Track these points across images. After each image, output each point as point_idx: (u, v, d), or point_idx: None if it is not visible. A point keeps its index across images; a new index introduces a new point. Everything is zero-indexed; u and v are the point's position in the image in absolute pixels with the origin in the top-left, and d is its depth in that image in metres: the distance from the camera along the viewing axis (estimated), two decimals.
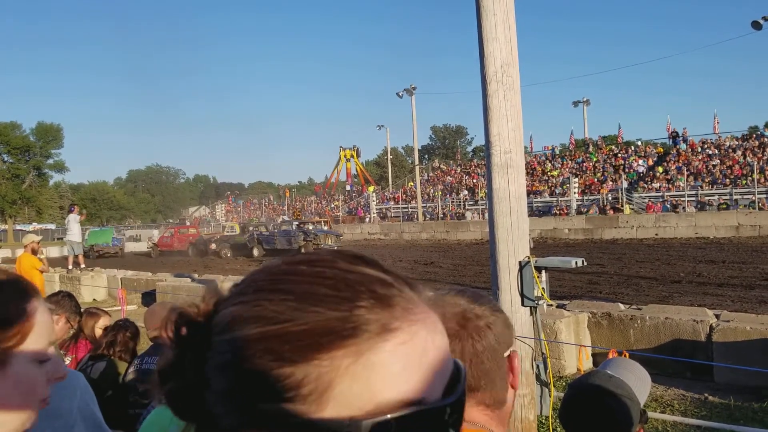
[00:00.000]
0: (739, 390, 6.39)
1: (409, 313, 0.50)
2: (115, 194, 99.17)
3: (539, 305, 4.73)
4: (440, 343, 0.52)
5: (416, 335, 0.49)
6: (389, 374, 0.47)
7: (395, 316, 0.49)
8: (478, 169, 52.37)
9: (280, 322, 0.47)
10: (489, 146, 4.65)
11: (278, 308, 0.48)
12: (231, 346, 0.49)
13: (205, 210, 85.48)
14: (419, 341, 0.49)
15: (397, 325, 0.48)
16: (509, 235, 4.65)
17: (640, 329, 7.51)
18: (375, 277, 0.51)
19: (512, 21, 4.62)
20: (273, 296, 0.49)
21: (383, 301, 0.49)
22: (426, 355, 0.49)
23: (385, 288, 0.51)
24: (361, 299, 0.49)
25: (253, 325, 0.48)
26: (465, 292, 1.16)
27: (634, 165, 42.32)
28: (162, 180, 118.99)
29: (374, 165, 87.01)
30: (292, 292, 0.49)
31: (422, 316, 0.51)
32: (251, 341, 0.47)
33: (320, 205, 64.15)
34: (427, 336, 0.50)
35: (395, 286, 0.51)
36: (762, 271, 15.30)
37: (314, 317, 0.47)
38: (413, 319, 0.50)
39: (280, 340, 0.47)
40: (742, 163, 36.79)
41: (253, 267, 12.74)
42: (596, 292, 13.33)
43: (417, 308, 0.51)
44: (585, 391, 1.62)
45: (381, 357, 0.47)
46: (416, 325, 0.50)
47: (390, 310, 0.49)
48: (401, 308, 0.50)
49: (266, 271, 0.54)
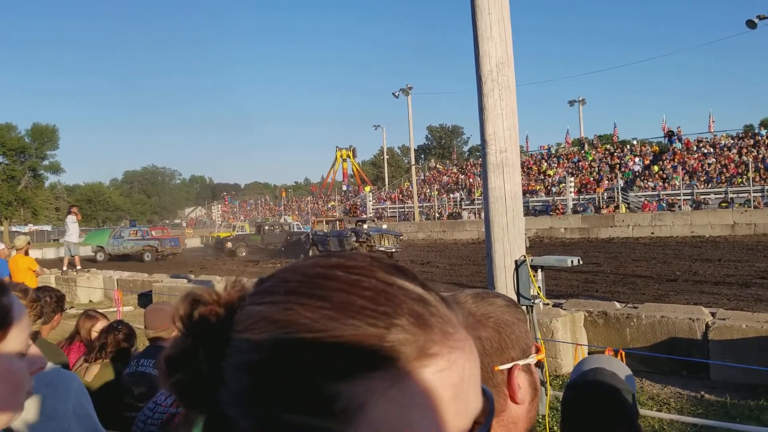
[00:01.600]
0: (735, 388, 6.41)
1: (448, 337, 0.47)
2: (110, 195, 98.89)
3: (535, 304, 4.74)
4: (476, 371, 0.49)
5: (455, 363, 0.46)
6: (426, 404, 0.44)
7: (433, 340, 0.46)
8: (474, 169, 52.40)
9: (314, 331, 0.44)
10: (485, 145, 4.65)
11: (313, 315, 0.45)
12: (256, 347, 0.45)
13: (201, 211, 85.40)
14: (457, 370, 0.46)
15: (437, 351, 0.46)
16: (505, 234, 4.66)
17: (636, 328, 7.52)
18: (414, 293, 0.48)
19: (507, 20, 4.62)
20: (307, 301, 0.46)
21: (422, 320, 0.46)
22: (462, 385, 0.47)
23: (423, 306, 0.47)
24: (400, 316, 0.46)
25: (284, 330, 0.45)
26: (478, 295, 1.11)
27: (630, 164, 42.40)
28: (158, 181, 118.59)
29: (370, 165, 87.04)
30: (329, 300, 0.46)
31: (461, 342, 0.48)
32: (281, 347, 0.44)
33: (317, 205, 64.13)
34: (465, 364, 0.47)
35: (433, 305, 0.48)
36: (758, 269, 15.34)
37: (351, 330, 0.44)
38: (453, 346, 0.47)
39: (313, 351, 0.44)
40: (737, 162, 36.89)
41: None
42: (592, 291, 13.36)
43: (456, 332, 0.48)
44: (586, 389, 1.61)
45: (420, 384, 0.44)
46: (455, 352, 0.47)
47: (429, 331, 0.46)
48: (440, 331, 0.47)
49: (299, 272, 0.50)
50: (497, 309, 1.09)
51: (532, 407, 1.08)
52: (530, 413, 1.08)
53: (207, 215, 78.37)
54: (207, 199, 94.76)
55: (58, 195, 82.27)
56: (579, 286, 14.22)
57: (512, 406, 1.05)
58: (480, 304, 1.08)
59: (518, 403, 1.05)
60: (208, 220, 73.78)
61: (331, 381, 0.43)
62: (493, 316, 1.07)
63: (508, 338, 1.06)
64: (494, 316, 1.07)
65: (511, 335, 1.07)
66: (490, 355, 1.04)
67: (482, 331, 1.05)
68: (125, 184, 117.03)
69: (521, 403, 1.06)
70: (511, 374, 1.04)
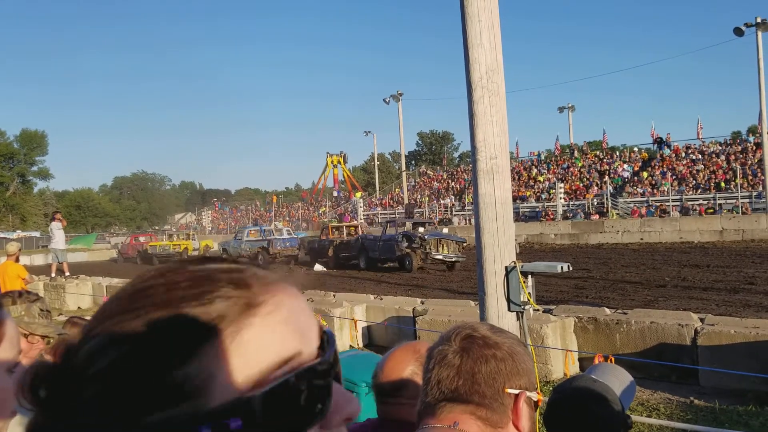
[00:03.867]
0: (723, 393, 6.44)
1: (269, 287, 0.53)
2: (100, 201, 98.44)
3: (525, 310, 4.74)
4: (305, 306, 0.56)
5: (281, 303, 0.52)
6: (264, 343, 0.49)
7: (256, 293, 0.52)
8: (464, 175, 52.53)
9: (145, 335, 0.48)
10: (475, 152, 4.66)
11: (138, 324, 0.48)
12: (100, 377, 0.47)
13: (191, 217, 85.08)
14: (285, 307, 0.53)
15: (261, 299, 0.51)
16: (495, 241, 4.66)
17: (626, 333, 7.55)
18: (227, 268, 0.54)
19: (497, 27, 4.64)
20: (131, 315, 0.49)
21: (240, 284, 0.52)
22: (294, 316, 0.53)
23: (240, 273, 0.53)
24: (220, 288, 0.51)
25: (117, 349, 0.48)
26: (494, 327, 1.24)
27: (619, 170, 42.63)
28: (148, 187, 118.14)
29: (361, 171, 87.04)
30: (151, 305, 0.50)
31: (282, 286, 0.54)
32: (121, 365, 0.47)
33: (307, 211, 64.03)
34: (291, 301, 0.54)
35: (249, 270, 0.54)
36: (746, 275, 15.43)
37: (178, 320, 0.48)
38: (274, 290, 0.53)
39: (151, 354, 0.47)
40: (725, 168, 37.16)
41: None
42: (582, 297, 13.40)
43: (276, 283, 0.54)
44: (568, 395, 1.63)
45: (252, 331, 0.49)
46: (278, 294, 0.53)
47: (249, 289, 0.52)
48: (260, 285, 0.53)
49: (117, 296, 0.53)
50: (511, 339, 1.21)
51: None
52: None
53: (197, 221, 78.06)
54: (197, 205, 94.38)
55: (46, 201, 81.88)
56: (569, 292, 14.26)
57: (512, 429, 1.14)
58: (495, 332, 1.22)
59: (519, 430, 1.14)
60: (198, 226, 73.50)
61: (176, 370, 0.46)
62: (507, 343, 1.19)
63: (520, 366, 1.17)
64: (508, 343, 1.19)
65: (522, 364, 1.18)
66: (503, 375, 1.14)
67: (498, 352, 1.16)
68: (115, 190, 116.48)
69: (521, 431, 1.14)
70: (518, 400, 1.14)
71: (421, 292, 15.36)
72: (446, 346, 1.18)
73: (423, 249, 22.19)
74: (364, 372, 4.18)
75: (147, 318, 0.49)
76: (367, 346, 9.75)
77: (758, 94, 29.93)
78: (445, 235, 23.69)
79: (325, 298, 11.54)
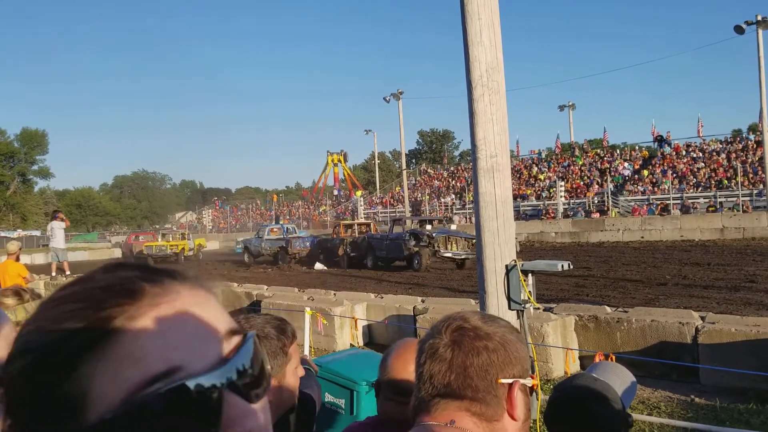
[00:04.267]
0: (724, 391, 6.44)
1: (158, 297, 0.52)
2: (100, 200, 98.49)
3: (526, 308, 4.74)
4: (204, 315, 0.54)
5: (164, 315, 0.52)
6: (138, 357, 0.49)
7: (140, 305, 0.51)
8: (465, 174, 52.52)
9: (30, 350, 0.49)
10: (475, 150, 4.66)
11: (30, 340, 0.50)
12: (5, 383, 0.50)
13: (191, 215, 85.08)
14: (168, 318, 0.52)
15: (143, 312, 0.51)
16: (496, 239, 4.66)
17: (626, 332, 7.54)
18: (127, 277, 0.54)
19: (497, 25, 4.64)
20: (33, 326, 0.51)
21: (130, 296, 0.52)
22: (180, 328, 0.52)
23: (132, 284, 0.53)
24: (106, 304, 0.51)
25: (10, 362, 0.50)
26: (485, 316, 1.21)
27: (620, 168, 42.62)
28: (148, 186, 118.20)
29: (362, 169, 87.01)
30: (45, 319, 0.51)
31: (173, 296, 0.53)
32: (10, 378, 0.49)
33: (308, 209, 64.04)
34: (176, 313, 0.52)
35: (147, 280, 0.54)
36: (746, 272, 15.42)
37: (60, 336, 0.49)
38: (160, 302, 0.52)
39: (32, 370, 0.48)
40: (726, 166, 37.15)
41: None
42: (583, 295, 13.38)
43: (169, 293, 0.54)
44: (569, 393, 1.63)
45: (128, 346, 0.49)
46: (162, 306, 0.52)
47: (136, 302, 0.51)
48: (151, 296, 0.52)
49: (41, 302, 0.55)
50: (502, 328, 1.18)
51: (524, 427, 1.15)
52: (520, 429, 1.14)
53: (198, 220, 78.07)
54: (198, 204, 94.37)
55: (47, 200, 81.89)
56: (569, 291, 14.25)
57: (507, 420, 1.12)
58: (486, 321, 1.19)
59: (515, 419, 1.12)
60: (198, 225, 73.48)
61: (56, 388, 0.47)
62: (499, 332, 1.16)
63: (512, 355, 1.15)
64: (500, 333, 1.16)
65: (515, 353, 1.15)
66: (495, 366, 1.12)
67: (489, 342, 1.14)
68: (115, 188, 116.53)
69: (517, 420, 1.13)
70: (511, 389, 1.12)
71: (422, 290, 15.36)
72: (437, 339, 1.16)
73: (431, 247, 21.71)
74: (365, 370, 4.18)
75: (37, 332, 0.50)
76: (368, 345, 9.75)
77: (759, 91, 29.89)
78: (454, 232, 23.25)
79: (325, 296, 11.55)
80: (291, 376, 1.64)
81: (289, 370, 1.64)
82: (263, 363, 0.57)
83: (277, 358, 1.60)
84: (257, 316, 1.70)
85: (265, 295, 12.02)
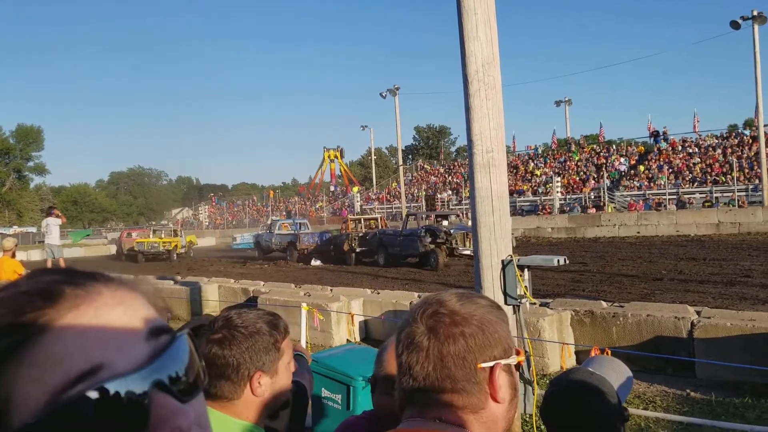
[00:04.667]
0: (720, 385, 6.46)
1: (78, 299, 0.53)
2: (96, 196, 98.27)
3: (522, 303, 4.75)
4: (124, 314, 0.54)
5: (84, 316, 0.52)
6: (59, 358, 0.49)
7: (60, 308, 0.51)
8: (461, 169, 52.54)
9: None
10: (471, 145, 4.66)
11: None
12: None
13: (188, 212, 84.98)
14: (88, 318, 0.52)
15: (63, 314, 0.51)
16: (492, 234, 4.67)
17: (622, 326, 7.56)
18: (48, 281, 0.54)
19: (493, 20, 4.63)
20: None
21: (50, 299, 0.52)
22: (101, 326, 0.52)
23: (53, 287, 0.53)
24: (26, 308, 0.51)
25: None
26: (463, 295, 1.14)
27: (616, 164, 42.68)
28: (144, 182, 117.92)
29: (358, 165, 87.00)
30: None
31: (94, 297, 0.54)
32: None
33: (304, 205, 64.02)
34: (97, 313, 0.53)
35: (68, 283, 0.54)
36: (742, 267, 15.47)
37: None
38: (80, 304, 0.52)
39: None
40: (722, 162, 37.23)
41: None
42: (579, 290, 13.40)
43: (90, 293, 0.54)
44: (565, 387, 1.63)
45: (49, 347, 0.49)
46: (83, 307, 0.52)
47: (56, 305, 0.52)
48: (71, 297, 0.52)
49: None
50: (481, 308, 1.10)
51: (511, 407, 1.09)
52: (509, 413, 1.09)
53: (194, 216, 78.00)
54: (194, 200, 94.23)
55: (43, 196, 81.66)
56: (565, 286, 14.26)
57: (492, 405, 1.06)
58: (465, 303, 1.10)
59: (499, 402, 1.06)
60: (195, 221, 73.40)
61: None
62: (477, 314, 1.09)
63: (491, 337, 1.07)
64: (478, 314, 1.09)
65: (494, 334, 1.08)
66: (473, 352, 1.05)
67: (466, 327, 1.06)
68: (111, 185, 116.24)
69: (502, 402, 1.07)
70: (493, 373, 1.06)
71: (419, 286, 15.37)
72: (413, 326, 1.10)
73: (448, 244, 20.43)
74: (361, 366, 4.19)
75: None
76: (365, 341, 9.76)
77: (754, 87, 29.98)
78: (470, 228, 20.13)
79: (322, 292, 11.55)
80: (284, 372, 1.64)
81: (282, 365, 1.63)
82: (196, 362, 0.57)
83: (270, 353, 1.60)
84: (249, 311, 1.70)
85: (262, 291, 12.02)
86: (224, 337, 1.56)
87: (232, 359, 1.54)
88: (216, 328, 1.58)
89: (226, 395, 1.54)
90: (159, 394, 0.52)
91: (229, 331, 1.57)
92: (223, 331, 1.57)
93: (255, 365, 1.56)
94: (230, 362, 1.54)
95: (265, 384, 1.57)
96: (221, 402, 1.54)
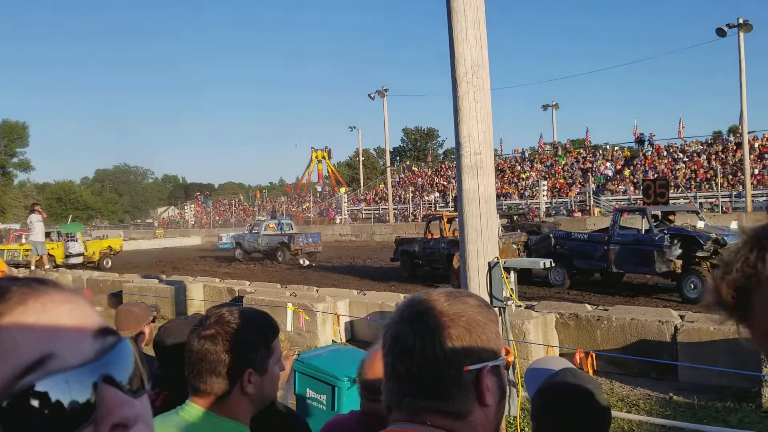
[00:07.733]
0: (702, 389, 6.52)
1: (25, 296, 0.54)
2: (81, 194, 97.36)
3: (508, 306, 4.76)
4: (72, 310, 0.56)
5: (32, 310, 0.54)
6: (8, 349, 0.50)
7: (8, 304, 0.53)
8: (449, 171, 52.64)
9: None
10: (459, 147, 4.67)
11: None
12: None
13: (173, 210, 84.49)
14: (36, 311, 0.54)
15: (11, 308, 0.53)
16: (479, 236, 4.67)
17: (606, 330, 7.61)
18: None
19: (483, 22, 4.64)
20: None
21: None
22: (49, 319, 0.54)
23: (2, 284, 0.55)
24: None
25: None
26: (451, 294, 1.09)
27: (602, 168, 42.94)
28: (130, 180, 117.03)
29: (346, 166, 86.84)
30: None
31: (40, 293, 0.56)
32: None
33: (291, 206, 63.86)
34: (44, 307, 0.54)
35: (16, 283, 0.56)
36: None
37: None
38: (27, 299, 0.54)
39: None
40: (706, 168, 37.55)
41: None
42: (564, 294, 13.46)
43: (37, 291, 0.56)
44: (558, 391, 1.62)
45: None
46: (30, 302, 0.54)
47: (4, 301, 0.53)
48: (19, 294, 0.54)
49: None
50: (469, 308, 1.07)
51: (499, 409, 1.06)
52: (497, 415, 1.06)
53: (180, 215, 77.54)
54: (180, 199, 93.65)
55: (27, 193, 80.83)
56: (551, 289, 14.33)
57: (479, 408, 1.03)
58: (453, 303, 1.06)
59: (487, 405, 1.03)
60: (180, 220, 72.99)
61: None
62: (465, 315, 1.05)
63: (479, 338, 1.04)
64: (466, 315, 1.05)
65: (482, 335, 1.05)
66: (459, 354, 1.02)
67: (453, 329, 1.03)
68: (96, 182, 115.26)
69: (489, 405, 1.03)
70: (480, 375, 1.02)
71: (404, 287, 15.38)
72: (399, 326, 1.06)
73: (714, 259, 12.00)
74: (347, 366, 4.18)
75: None
76: (350, 341, 9.74)
77: (739, 94, 30.25)
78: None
79: (308, 292, 11.52)
80: (273, 370, 1.64)
81: (271, 363, 1.63)
82: (139, 365, 0.59)
83: (261, 351, 1.60)
84: (241, 308, 1.69)
85: (247, 290, 11.97)
86: (216, 333, 1.56)
87: (224, 355, 1.53)
88: (208, 324, 1.58)
89: (216, 391, 1.54)
90: (106, 387, 0.53)
91: (222, 327, 1.57)
92: (216, 327, 1.57)
93: (246, 362, 1.55)
94: (222, 358, 1.53)
95: (255, 382, 1.57)
96: (209, 399, 1.54)
